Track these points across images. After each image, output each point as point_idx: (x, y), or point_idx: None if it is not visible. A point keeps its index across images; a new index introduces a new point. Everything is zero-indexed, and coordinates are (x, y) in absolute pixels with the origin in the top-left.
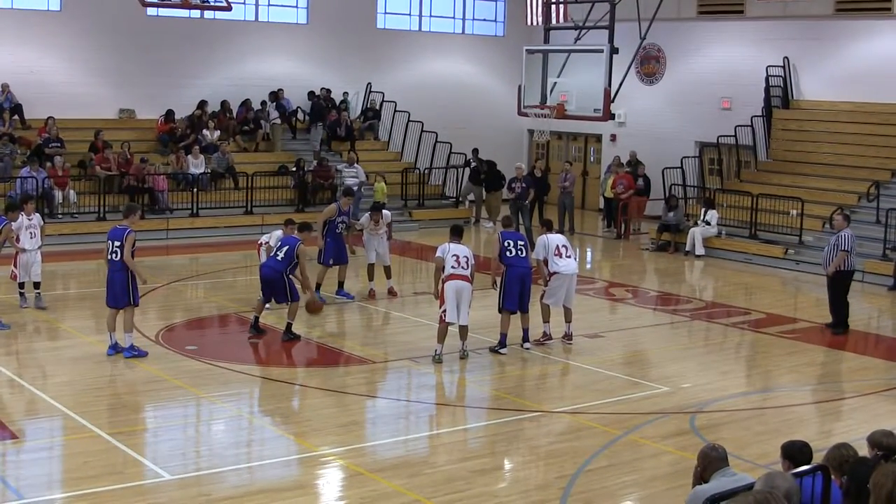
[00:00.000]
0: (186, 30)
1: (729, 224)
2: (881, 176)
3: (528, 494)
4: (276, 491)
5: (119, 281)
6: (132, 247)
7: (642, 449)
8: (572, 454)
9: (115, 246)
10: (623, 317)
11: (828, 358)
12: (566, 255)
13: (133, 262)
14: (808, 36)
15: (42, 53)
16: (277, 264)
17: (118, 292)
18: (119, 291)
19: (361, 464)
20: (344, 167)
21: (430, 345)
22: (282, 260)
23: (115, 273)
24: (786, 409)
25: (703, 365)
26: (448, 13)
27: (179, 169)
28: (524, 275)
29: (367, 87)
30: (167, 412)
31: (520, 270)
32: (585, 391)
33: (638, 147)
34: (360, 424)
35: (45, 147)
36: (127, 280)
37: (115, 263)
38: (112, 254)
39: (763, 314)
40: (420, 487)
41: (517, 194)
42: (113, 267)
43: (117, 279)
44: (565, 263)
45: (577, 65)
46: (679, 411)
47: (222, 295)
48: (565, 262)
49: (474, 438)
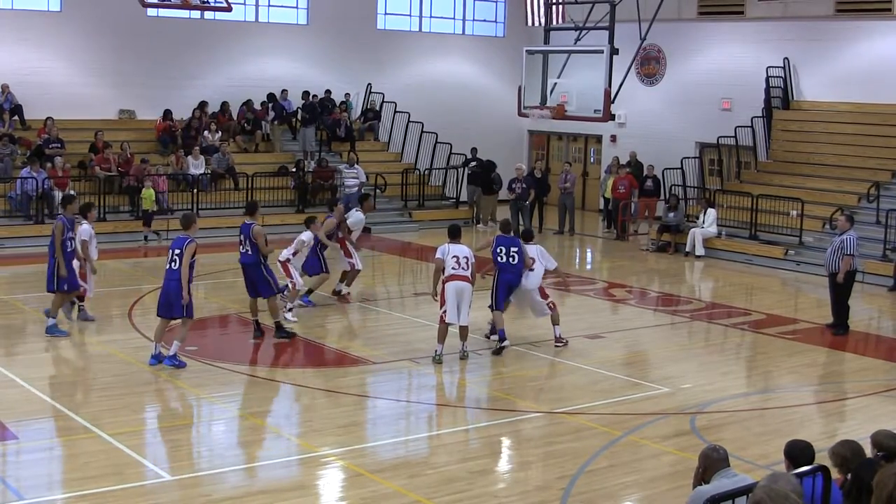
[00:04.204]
0: (186, 30)
1: (729, 225)
2: (881, 177)
3: (529, 495)
4: (276, 491)
5: (174, 291)
6: (191, 257)
7: (643, 450)
8: (573, 455)
9: (175, 254)
10: (623, 317)
11: (828, 359)
12: (531, 266)
13: (186, 273)
14: (808, 37)
15: (42, 54)
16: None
17: (173, 302)
18: (174, 301)
19: (362, 464)
20: (344, 168)
21: (430, 345)
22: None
23: (171, 282)
24: (786, 410)
25: (704, 366)
26: (448, 14)
27: (179, 169)
28: (511, 282)
29: (367, 87)
30: (167, 412)
31: (508, 276)
32: (586, 392)
33: (638, 148)
34: (361, 425)
35: (45, 147)
36: (182, 290)
37: (173, 272)
38: (171, 262)
39: (763, 315)
40: (420, 488)
41: (517, 195)
42: (170, 276)
43: (172, 288)
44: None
45: (578, 65)
46: (679, 412)
47: (222, 295)
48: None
49: (475, 439)
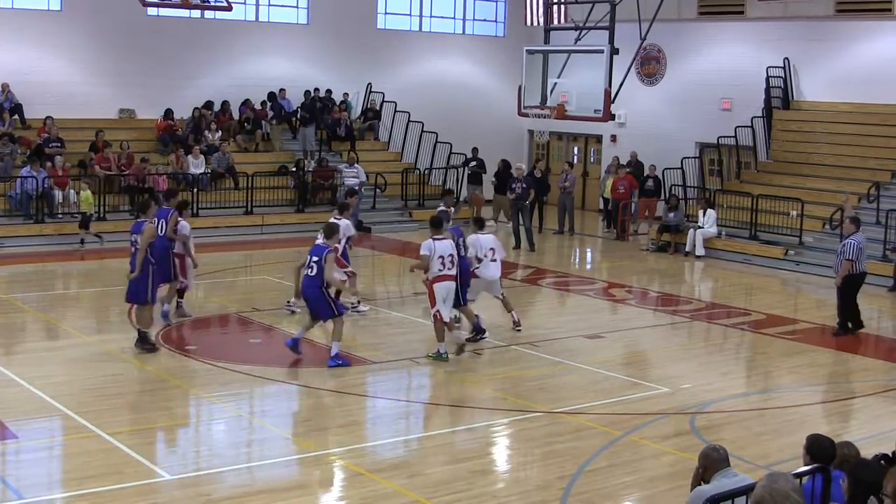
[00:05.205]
0: (187, 30)
1: (729, 225)
2: (881, 177)
3: (529, 495)
4: (276, 491)
5: (314, 297)
6: (333, 262)
7: (642, 449)
8: (572, 454)
9: (313, 261)
10: (623, 317)
11: (828, 359)
12: (492, 258)
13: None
14: (808, 37)
15: (42, 53)
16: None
17: (319, 307)
18: (319, 306)
19: (361, 464)
20: (344, 167)
21: (430, 345)
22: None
23: (308, 289)
24: (786, 410)
25: (704, 366)
26: (448, 13)
27: (179, 169)
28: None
29: (367, 87)
30: (167, 412)
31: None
32: (585, 392)
33: (638, 148)
34: (360, 425)
35: (45, 147)
36: (322, 295)
37: (312, 279)
38: (308, 268)
39: (763, 315)
40: (420, 488)
41: (518, 195)
42: (308, 282)
43: (311, 295)
44: (486, 269)
45: (578, 65)
46: (679, 412)
47: (222, 295)
48: (487, 268)
49: (474, 439)
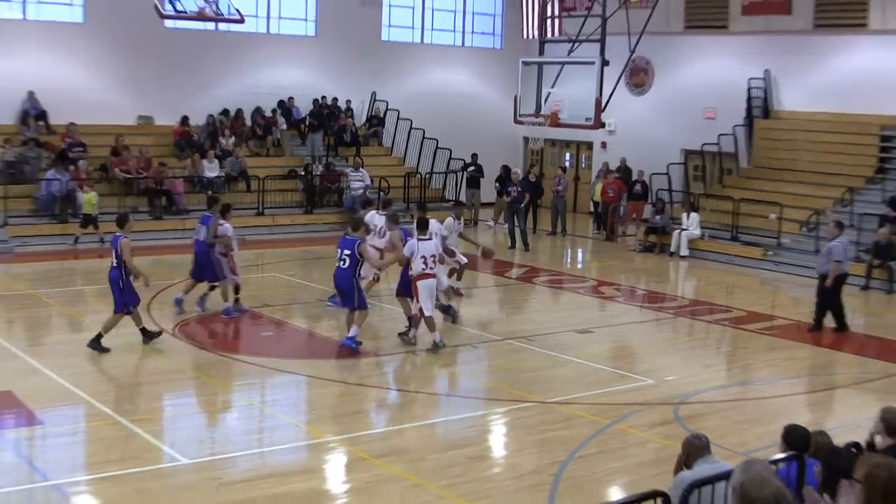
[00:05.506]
0: (202, 41)
1: (712, 227)
2: (855, 182)
3: (522, 479)
4: (285, 475)
5: (349, 288)
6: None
7: (629, 437)
8: (564, 442)
9: (345, 254)
10: (611, 314)
11: (804, 353)
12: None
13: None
14: (788, 50)
15: (66, 63)
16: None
17: (349, 297)
18: (350, 297)
19: (365, 450)
20: (350, 171)
21: (430, 338)
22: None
23: (341, 279)
24: (764, 401)
25: (687, 359)
26: (449, 26)
27: (195, 172)
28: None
29: (371, 95)
30: (184, 401)
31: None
32: (576, 383)
33: (627, 154)
34: (365, 413)
35: (68, 151)
36: (353, 287)
37: (345, 271)
38: (340, 261)
39: (743, 312)
40: (420, 472)
41: (513, 198)
42: (341, 273)
43: (345, 286)
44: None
45: (571, 76)
46: (664, 402)
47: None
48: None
49: (471, 427)
